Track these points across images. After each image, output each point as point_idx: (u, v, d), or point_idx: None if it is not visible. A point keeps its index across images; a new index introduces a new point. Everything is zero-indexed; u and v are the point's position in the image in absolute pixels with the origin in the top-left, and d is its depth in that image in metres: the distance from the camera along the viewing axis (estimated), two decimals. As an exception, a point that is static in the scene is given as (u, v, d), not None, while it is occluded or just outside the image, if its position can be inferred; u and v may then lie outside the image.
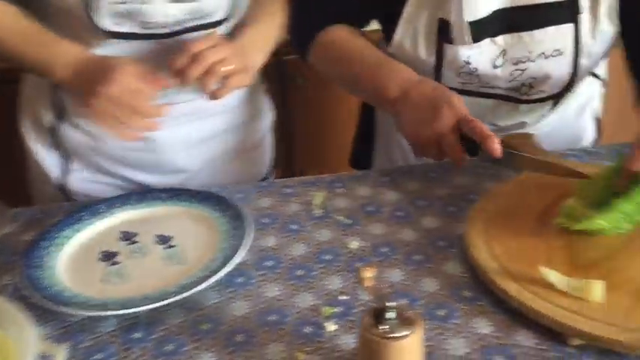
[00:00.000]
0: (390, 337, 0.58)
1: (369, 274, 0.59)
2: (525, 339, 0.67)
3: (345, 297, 0.74)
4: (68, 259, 0.81)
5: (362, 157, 1.24)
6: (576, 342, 0.65)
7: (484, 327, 0.69)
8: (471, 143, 0.87)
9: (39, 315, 0.71)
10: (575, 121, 1.14)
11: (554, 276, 0.69)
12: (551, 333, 0.66)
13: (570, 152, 1.02)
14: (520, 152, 0.88)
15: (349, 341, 0.68)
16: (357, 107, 1.28)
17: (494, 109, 1.06)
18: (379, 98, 0.95)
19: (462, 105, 0.88)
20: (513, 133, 1.05)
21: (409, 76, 0.93)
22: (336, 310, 0.72)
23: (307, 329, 0.70)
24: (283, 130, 1.94)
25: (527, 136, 1.03)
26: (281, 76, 1.86)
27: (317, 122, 1.88)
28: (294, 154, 1.97)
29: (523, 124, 1.09)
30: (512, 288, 0.70)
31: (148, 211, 0.89)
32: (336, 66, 1.04)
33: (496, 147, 0.84)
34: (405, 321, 0.59)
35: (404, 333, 0.58)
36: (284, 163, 2.00)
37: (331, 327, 0.70)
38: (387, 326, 0.58)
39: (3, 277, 0.80)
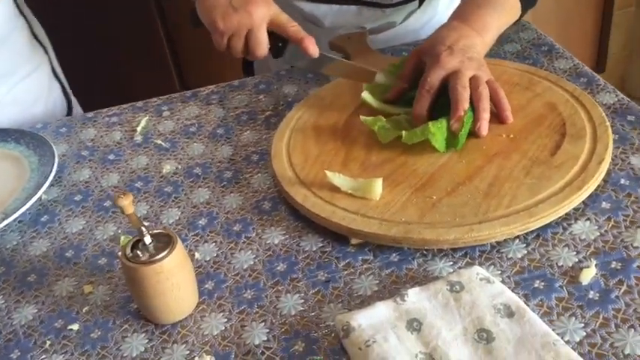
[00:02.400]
0: (147, 262, 0.58)
1: (125, 201, 0.58)
2: (312, 244, 0.67)
3: (147, 223, 0.74)
4: None
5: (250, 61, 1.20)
6: (356, 241, 0.66)
7: (276, 237, 0.69)
8: (276, 43, 0.83)
9: None
10: (445, 12, 1.11)
11: (338, 178, 0.70)
12: (337, 235, 0.67)
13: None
14: (330, 55, 0.86)
15: (141, 267, 0.68)
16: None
17: (358, 15, 1.04)
18: None
19: (274, 3, 0.82)
20: (348, 33, 1.03)
21: None
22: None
23: (102, 261, 0.70)
24: (169, 48, 1.87)
25: (361, 35, 1.01)
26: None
27: (200, 35, 1.81)
28: (188, 70, 1.92)
29: (392, 24, 1.07)
30: (300, 195, 0.70)
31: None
32: None
33: (312, 48, 0.81)
34: (163, 243, 0.59)
35: (160, 256, 0.58)
36: (179, 82, 1.95)
37: (125, 255, 0.70)
38: (144, 251, 0.58)
39: None
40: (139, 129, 0.91)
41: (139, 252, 0.58)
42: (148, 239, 0.58)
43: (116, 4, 1.73)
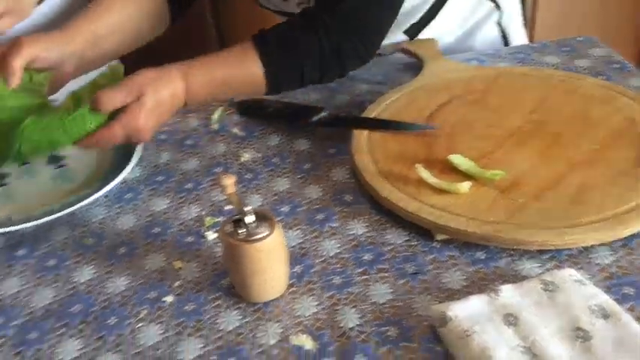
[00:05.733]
0: (249, 240, 0.59)
1: (229, 181, 0.59)
2: (396, 237, 0.69)
3: (230, 207, 0.76)
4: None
5: None
6: (441, 237, 0.68)
7: (359, 228, 0.71)
8: None
9: None
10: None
11: (426, 173, 0.71)
12: (421, 230, 0.69)
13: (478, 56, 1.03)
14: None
15: (228, 248, 0.70)
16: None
17: None
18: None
19: None
20: (417, 40, 1.05)
21: None
22: (218, 220, 0.74)
23: (189, 239, 0.72)
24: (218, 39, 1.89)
25: (431, 42, 1.03)
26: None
27: (246, 19, 1.82)
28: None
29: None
30: (385, 189, 0.72)
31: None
32: None
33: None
34: (263, 224, 0.61)
35: (262, 235, 0.59)
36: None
37: (212, 236, 0.72)
38: (246, 230, 0.60)
39: None
40: (214, 117, 0.93)
41: (239, 230, 0.60)
42: (250, 218, 0.60)
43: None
